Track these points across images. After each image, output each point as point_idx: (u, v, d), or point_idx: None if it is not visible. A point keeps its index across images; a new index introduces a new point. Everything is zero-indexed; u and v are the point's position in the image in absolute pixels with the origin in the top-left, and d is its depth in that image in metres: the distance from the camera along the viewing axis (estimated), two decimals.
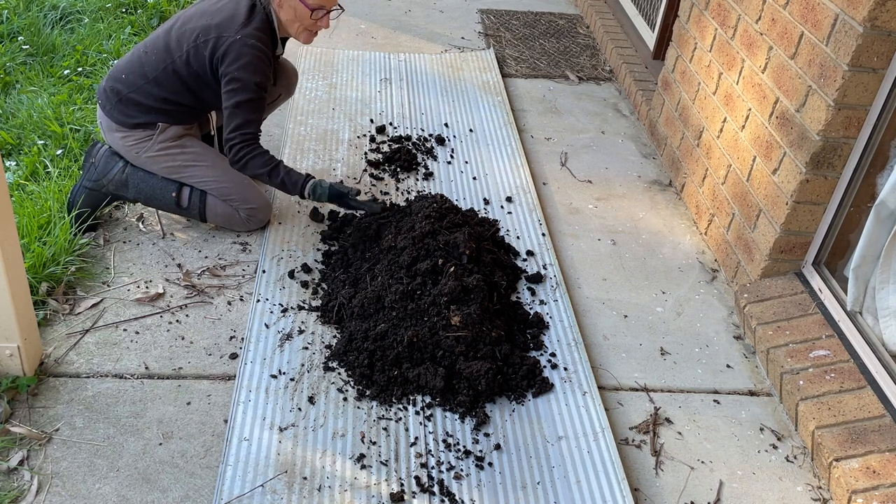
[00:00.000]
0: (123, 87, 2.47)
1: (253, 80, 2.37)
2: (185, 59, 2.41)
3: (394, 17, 4.56)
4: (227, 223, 2.61)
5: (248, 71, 2.36)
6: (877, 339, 2.16)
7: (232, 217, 2.59)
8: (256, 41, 2.38)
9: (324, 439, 1.96)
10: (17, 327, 1.95)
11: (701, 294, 2.63)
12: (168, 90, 2.45)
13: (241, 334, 2.26)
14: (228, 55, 2.36)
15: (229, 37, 2.37)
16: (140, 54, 2.49)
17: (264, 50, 2.40)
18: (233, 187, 2.54)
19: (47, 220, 2.49)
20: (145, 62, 2.46)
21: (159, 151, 2.50)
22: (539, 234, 2.78)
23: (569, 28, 4.65)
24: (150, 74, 2.44)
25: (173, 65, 2.42)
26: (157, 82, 2.44)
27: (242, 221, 2.60)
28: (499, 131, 3.41)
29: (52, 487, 1.79)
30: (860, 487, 1.88)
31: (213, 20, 2.40)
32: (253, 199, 2.59)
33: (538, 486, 1.89)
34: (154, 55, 2.45)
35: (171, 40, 2.44)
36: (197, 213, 2.57)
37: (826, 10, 2.22)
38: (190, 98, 2.49)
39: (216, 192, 2.55)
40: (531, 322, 2.36)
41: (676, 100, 3.26)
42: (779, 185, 2.42)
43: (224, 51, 2.36)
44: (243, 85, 2.37)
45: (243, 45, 2.36)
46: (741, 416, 2.18)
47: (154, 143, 2.49)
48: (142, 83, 2.45)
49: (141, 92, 2.46)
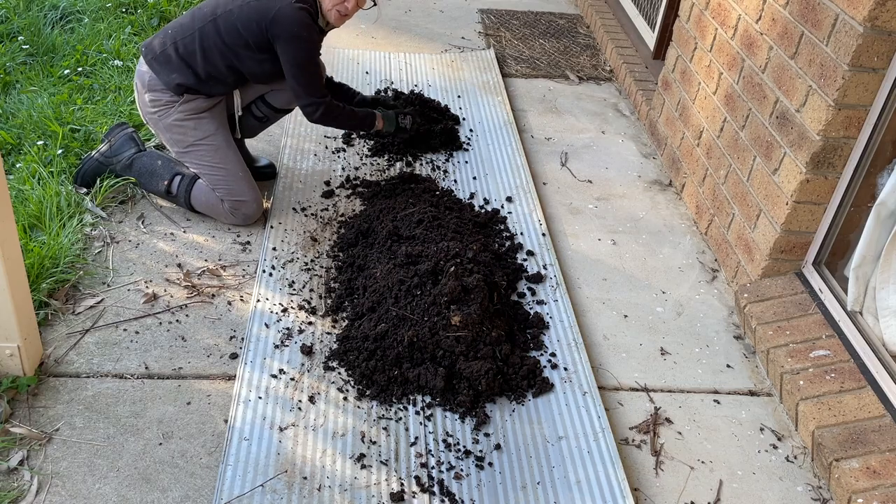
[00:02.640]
0: (170, 39, 2.54)
1: (309, 38, 2.47)
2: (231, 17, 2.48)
3: (394, 16, 4.56)
4: (211, 213, 2.66)
5: (302, 29, 2.44)
6: (877, 339, 2.16)
7: (215, 208, 2.63)
8: (302, 9, 2.45)
9: (324, 439, 1.96)
10: (17, 327, 1.95)
11: (701, 294, 2.63)
12: (207, 46, 2.51)
13: (241, 334, 2.26)
14: (279, 21, 2.43)
15: (278, 2, 2.44)
16: (192, 11, 2.59)
17: (310, 19, 2.48)
18: (224, 176, 2.59)
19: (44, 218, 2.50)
20: (196, 16, 2.55)
21: (176, 121, 2.57)
22: (539, 234, 2.78)
23: (569, 28, 4.64)
24: (196, 25, 2.52)
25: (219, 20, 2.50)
26: (202, 34, 2.51)
27: (226, 213, 2.64)
28: (499, 131, 3.41)
29: (52, 487, 1.79)
30: (860, 487, 1.88)
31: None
32: (240, 193, 2.61)
33: (538, 486, 1.89)
34: (204, 9, 2.55)
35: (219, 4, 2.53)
36: (183, 201, 2.64)
37: (826, 10, 2.22)
38: (223, 63, 2.52)
39: (209, 178, 2.60)
40: (531, 322, 2.36)
41: (677, 100, 3.26)
42: (779, 185, 2.42)
43: (272, 17, 2.43)
44: (304, 50, 2.48)
45: (292, 8, 2.43)
46: (741, 416, 2.18)
47: (175, 111, 2.56)
48: (187, 34, 2.53)
49: (183, 45, 2.52)
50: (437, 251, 2.35)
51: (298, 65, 2.50)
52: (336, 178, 2.97)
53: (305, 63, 2.50)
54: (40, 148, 2.90)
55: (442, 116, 3.34)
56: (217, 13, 2.50)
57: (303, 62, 2.50)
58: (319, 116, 2.61)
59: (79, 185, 2.74)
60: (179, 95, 2.55)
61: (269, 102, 2.78)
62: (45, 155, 2.87)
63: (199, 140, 2.59)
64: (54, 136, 2.97)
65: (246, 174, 2.64)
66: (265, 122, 2.85)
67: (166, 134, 2.61)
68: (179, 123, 2.58)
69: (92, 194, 2.71)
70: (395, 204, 2.69)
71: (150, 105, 2.59)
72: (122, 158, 2.71)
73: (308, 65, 2.51)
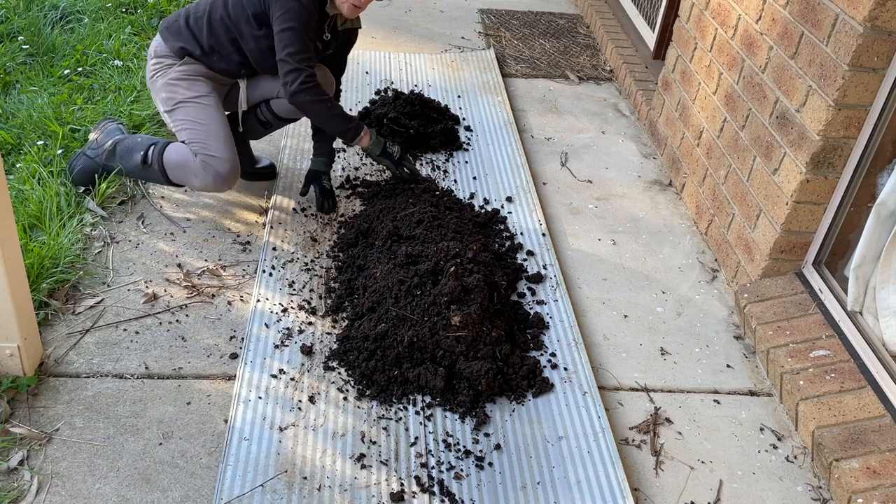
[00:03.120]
0: (184, 12, 2.59)
1: (302, 11, 2.39)
2: None
3: (394, 16, 4.56)
4: (183, 174, 2.55)
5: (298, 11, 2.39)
6: (877, 339, 2.16)
7: (187, 166, 2.53)
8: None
9: (324, 439, 1.96)
10: (17, 327, 1.95)
11: (701, 294, 2.63)
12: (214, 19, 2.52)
13: (241, 334, 2.26)
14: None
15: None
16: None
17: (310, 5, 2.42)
18: (203, 132, 2.53)
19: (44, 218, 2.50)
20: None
21: (171, 79, 2.56)
22: (539, 234, 2.78)
23: (569, 28, 4.65)
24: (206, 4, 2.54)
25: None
26: (212, 7, 2.52)
27: (197, 170, 2.51)
28: (499, 131, 3.41)
29: (52, 487, 1.79)
30: (860, 487, 1.88)
31: None
32: (216, 149, 2.51)
33: (538, 486, 1.89)
34: None
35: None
36: (157, 167, 2.58)
37: (826, 10, 2.22)
38: (227, 37, 2.53)
39: (187, 132, 2.54)
40: (531, 322, 2.36)
41: (677, 100, 3.26)
42: (779, 185, 2.42)
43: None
44: (297, 7, 2.39)
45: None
46: (741, 416, 2.18)
47: (174, 70, 2.57)
48: (200, 8, 2.56)
49: (194, 17, 2.56)
50: (437, 251, 2.35)
51: (285, 27, 2.40)
52: (336, 179, 2.97)
53: (293, 27, 2.41)
54: (40, 148, 2.90)
55: (442, 116, 3.34)
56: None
57: (291, 25, 2.40)
58: (298, 88, 2.43)
59: (76, 185, 2.74)
60: (181, 58, 2.57)
61: (273, 109, 2.74)
62: (45, 155, 2.87)
63: (188, 98, 2.56)
64: (54, 136, 2.97)
65: (228, 137, 2.55)
66: (268, 127, 2.82)
67: (161, 94, 2.59)
68: (174, 82, 2.57)
69: (92, 194, 2.71)
70: (395, 204, 2.69)
71: (152, 70, 2.61)
72: (104, 146, 2.71)
73: (296, 28, 2.41)
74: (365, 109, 3.37)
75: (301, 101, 2.46)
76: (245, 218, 2.75)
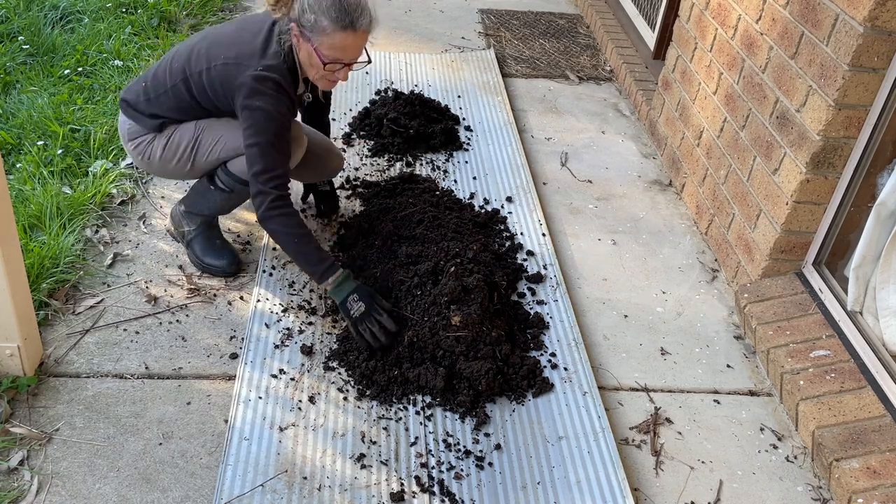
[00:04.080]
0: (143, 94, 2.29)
1: (273, 112, 2.11)
2: (201, 79, 2.20)
3: (394, 16, 4.56)
4: None
5: (266, 101, 2.10)
6: (877, 339, 2.16)
7: None
8: (275, 73, 2.11)
9: (324, 439, 1.96)
10: (17, 327, 1.95)
11: (701, 294, 2.63)
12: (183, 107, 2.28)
13: (241, 334, 2.26)
14: (244, 86, 2.10)
15: (247, 66, 2.11)
16: (168, 60, 2.29)
17: (284, 84, 2.12)
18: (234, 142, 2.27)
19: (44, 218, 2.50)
20: (171, 70, 2.25)
21: (165, 143, 2.30)
22: (539, 234, 2.78)
23: (569, 28, 4.64)
24: (170, 82, 2.25)
25: (190, 80, 2.22)
26: (175, 93, 2.25)
27: None
28: (499, 131, 3.41)
29: (52, 487, 1.79)
30: (860, 487, 1.88)
31: (233, 49, 2.16)
32: None
33: (538, 486, 1.89)
34: (177, 64, 2.24)
35: (193, 56, 2.22)
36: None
37: (826, 10, 2.22)
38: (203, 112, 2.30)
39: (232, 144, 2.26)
40: (531, 322, 2.36)
41: (677, 100, 3.26)
42: (779, 185, 2.42)
43: (240, 82, 2.11)
44: (263, 117, 2.09)
45: (260, 78, 2.09)
46: (741, 416, 2.18)
47: (159, 139, 2.31)
48: (161, 91, 2.26)
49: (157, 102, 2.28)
50: (437, 251, 2.35)
51: (250, 143, 2.11)
52: (336, 179, 2.97)
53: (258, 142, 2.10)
54: (40, 148, 2.90)
55: (442, 116, 3.34)
56: (189, 72, 2.21)
57: (256, 141, 2.10)
58: (264, 214, 2.11)
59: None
60: (160, 130, 2.31)
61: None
62: (45, 155, 2.87)
63: (195, 130, 2.30)
64: (54, 136, 2.97)
65: None
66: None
67: (171, 164, 2.34)
68: (169, 139, 2.31)
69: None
70: (395, 204, 2.69)
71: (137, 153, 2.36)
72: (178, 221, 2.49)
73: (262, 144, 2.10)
74: (365, 109, 3.37)
75: (269, 228, 2.15)
76: (245, 218, 2.74)
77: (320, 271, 2.15)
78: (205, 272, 2.48)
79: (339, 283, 2.15)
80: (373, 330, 2.13)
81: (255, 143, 2.10)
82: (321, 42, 2.06)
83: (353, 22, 2.05)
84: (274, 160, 2.11)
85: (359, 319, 2.13)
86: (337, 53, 2.09)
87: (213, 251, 2.47)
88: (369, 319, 2.13)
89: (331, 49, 2.07)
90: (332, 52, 2.08)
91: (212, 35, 2.26)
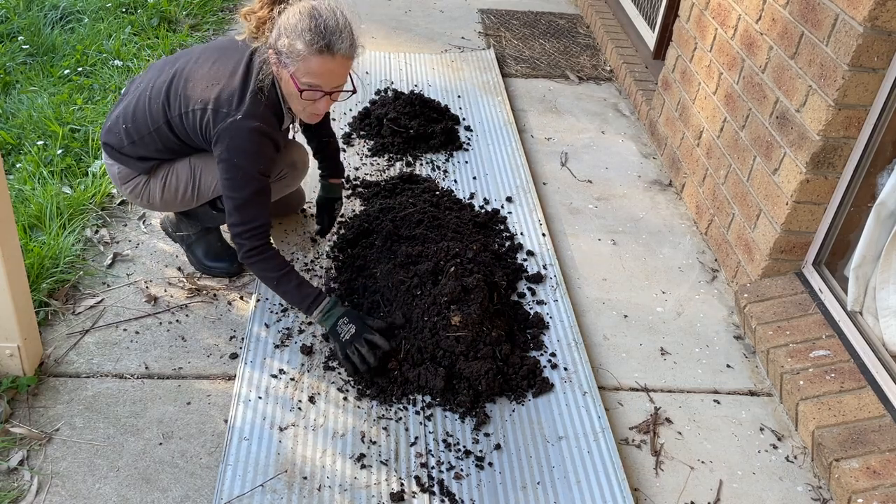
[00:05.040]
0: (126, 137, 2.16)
1: (252, 169, 2.01)
2: (182, 123, 2.08)
3: (394, 16, 4.56)
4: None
5: (245, 158, 2.00)
6: (877, 339, 2.16)
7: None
8: (255, 120, 1.99)
9: (324, 439, 1.96)
10: (17, 327, 1.95)
11: (701, 294, 2.63)
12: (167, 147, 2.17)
13: (241, 334, 2.26)
14: (223, 138, 2.00)
15: (226, 114, 1.99)
16: (146, 97, 2.13)
17: (265, 130, 2.01)
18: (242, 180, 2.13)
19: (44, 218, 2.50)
20: (150, 110, 2.12)
21: (164, 189, 2.22)
22: (539, 234, 2.78)
23: (569, 28, 4.65)
24: (151, 125, 2.12)
25: (171, 122, 2.10)
26: (159, 135, 2.13)
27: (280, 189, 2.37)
28: (499, 131, 3.41)
29: (52, 487, 1.79)
30: (860, 487, 1.88)
31: (210, 90, 2.02)
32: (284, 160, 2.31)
33: (538, 486, 1.89)
34: (156, 104, 2.11)
35: (172, 95, 2.08)
36: None
37: (826, 10, 2.22)
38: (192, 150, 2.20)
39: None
40: (531, 322, 2.36)
41: (677, 100, 3.26)
42: (779, 185, 2.42)
43: (219, 131, 2.00)
44: (241, 175, 2.01)
45: (239, 128, 1.98)
46: (741, 416, 2.18)
47: (154, 180, 2.22)
48: (144, 134, 2.14)
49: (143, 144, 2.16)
50: (437, 251, 2.35)
51: (228, 195, 2.03)
52: None
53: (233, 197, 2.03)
54: (40, 148, 2.90)
55: (442, 116, 3.34)
56: (170, 115, 2.08)
57: (232, 195, 2.03)
58: (243, 258, 2.08)
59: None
60: (147, 173, 2.22)
61: None
62: (45, 155, 2.87)
63: (191, 178, 2.20)
64: (54, 136, 2.97)
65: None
66: None
67: (174, 202, 2.26)
68: (164, 186, 2.22)
69: None
70: (395, 204, 2.69)
71: (132, 195, 2.27)
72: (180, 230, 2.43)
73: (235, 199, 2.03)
74: (365, 109, 3.37)
75: (251, 270, 2.18)
76: None
77: (306, 305, 2.11)
78: (207, 274, 2.47)
79: (327, 311, 2.11)
80: (361, 352, 2.08)
81: (232, 196, 2.03)
82: (297, 68, 1.95)
83: (329, 45, 1.93)
84: (251, 214, 2.04)
85: (348, 343, 2.08)
86: (314, 79, 1.96)
87: (215, 253, 2.45)
88: (359, 341, 2.08)
89: (307, 75, 1.95)
90: (308, 77, 1.96)
91: (188, 69, 2.09)
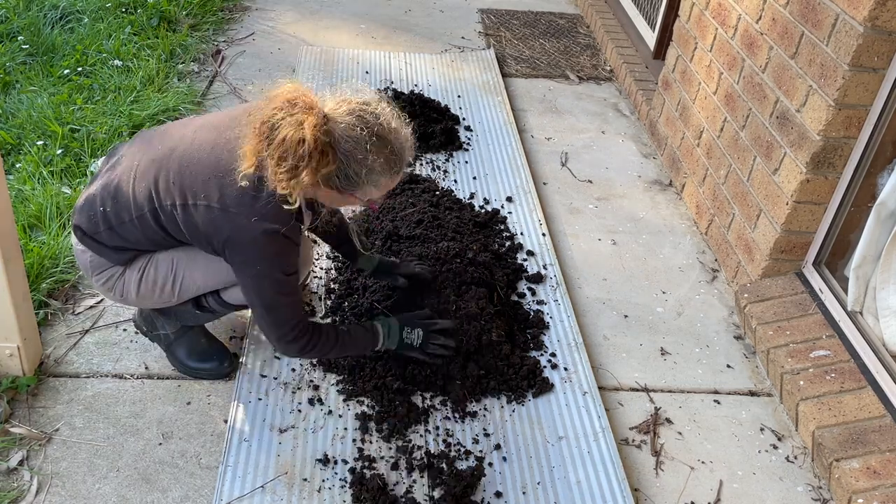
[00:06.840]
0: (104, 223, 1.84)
1: (275, 283, 1.77)
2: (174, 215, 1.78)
3: (394, 16, 4.56)
4: None
5: (268, 264, 1.75)
6: (877, 339, 2.16)
7: None
8: (273, 224, 1.70)
9: (324, 440, 1.95)
10: (17, 327, 1.95)
11: (701, 294, 2.63)
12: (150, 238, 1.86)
13: (241, 334, 2.26)
14: (237, 246, 1.74)
15: (236, 216, 1.71)
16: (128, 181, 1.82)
17: (286, 236, 1.73)
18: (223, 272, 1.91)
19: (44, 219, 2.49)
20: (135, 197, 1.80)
21: (141, 282, 1.92)
22: (539, 234, 2.78)
23: (569, 28, 4.64)
24: (135, 212, 1.81)
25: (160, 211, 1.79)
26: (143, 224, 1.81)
27: None
28: (499, 131, 3.41)
29: (52, 487, 1.79)
30: (860, 488, 1.88)
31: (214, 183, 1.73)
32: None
33: (538, 486, 1.89)
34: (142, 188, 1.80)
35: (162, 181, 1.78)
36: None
37: (826, 10, 2.22)
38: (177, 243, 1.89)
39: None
40: (531, 322, 2.36)
41: (677, 100, 3.26)
42: (779, 185, 2.42)
43: (227, 237, 1.73)
44: (260, 286, 1.78)
45: (253, 241, 1.71)
46: (741, 416, 2.18)
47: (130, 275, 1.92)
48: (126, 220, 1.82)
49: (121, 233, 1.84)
50: (437, 251, 2.35)
51: (253, 304, 1.82)
52: None
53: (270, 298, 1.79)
54: (40, 148, 2.90)
55: (442, 116, 3.34)
56: (159, 203, 1.77)
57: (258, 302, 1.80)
58: (299, 356, 1.98)
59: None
60: (125, 265, 1.91)
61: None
62: (45, 155, 2.87)
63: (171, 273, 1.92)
64: (54, 136, 2.97)
65: None
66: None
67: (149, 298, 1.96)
68: (140, 279, 1.92)
69: None
70: (395, 204, 2.69)
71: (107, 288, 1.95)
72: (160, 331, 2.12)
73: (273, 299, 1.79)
74: None
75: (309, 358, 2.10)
76: None
77: (371, 348, 2.01)
78: (193, 377, 2.11)
79: (388, 336, 2.01)
80: (438, 343, 2.05)
81: (259, 303, 1.80)
82: (363, 192, 1.75)
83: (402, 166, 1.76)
84: (286, 315, 1.82)
85: (424, 344, 2.04)
86: (379, 193, 1.78)
87: (200, 353, 2.11)
88: (432, 336, 2.05)
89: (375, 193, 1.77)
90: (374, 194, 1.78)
91: (182, 150, 1.79)
